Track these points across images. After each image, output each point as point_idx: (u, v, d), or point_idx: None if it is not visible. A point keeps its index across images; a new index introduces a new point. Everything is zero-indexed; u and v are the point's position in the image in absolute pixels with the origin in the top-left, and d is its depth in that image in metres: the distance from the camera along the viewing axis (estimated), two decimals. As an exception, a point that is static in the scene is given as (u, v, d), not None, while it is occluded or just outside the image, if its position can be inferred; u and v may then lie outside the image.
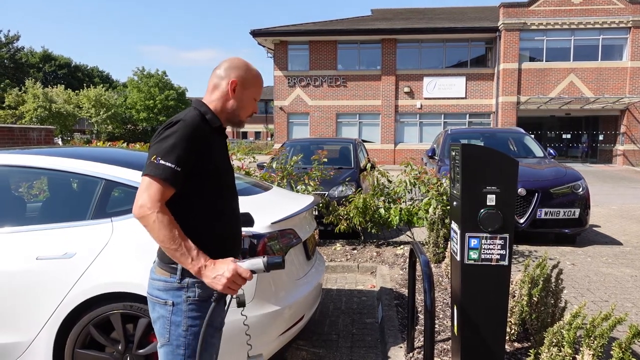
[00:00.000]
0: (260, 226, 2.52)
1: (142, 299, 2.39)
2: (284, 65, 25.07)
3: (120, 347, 2.46)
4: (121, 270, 2.42)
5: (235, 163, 5.62)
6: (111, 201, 2.67)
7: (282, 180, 5.49)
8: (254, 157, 5.95)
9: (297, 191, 5.42)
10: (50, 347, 2.45)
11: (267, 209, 2.91)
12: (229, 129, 1.89)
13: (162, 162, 1.51)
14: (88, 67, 60.65)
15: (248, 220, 2.43)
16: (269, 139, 46.46)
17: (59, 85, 38.44)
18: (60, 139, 33.84)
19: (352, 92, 24.16)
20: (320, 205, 5.56)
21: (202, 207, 1.64)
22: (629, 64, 22.19)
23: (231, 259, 1.56)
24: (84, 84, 41.61)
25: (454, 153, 2.47)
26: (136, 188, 2.62)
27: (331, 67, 24.71)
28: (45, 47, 63.96)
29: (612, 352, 1.84)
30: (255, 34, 24.22)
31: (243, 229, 2.42)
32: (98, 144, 5.96)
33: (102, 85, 41.87)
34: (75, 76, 55.49)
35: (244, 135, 56.63)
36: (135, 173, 2.72)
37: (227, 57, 1.79)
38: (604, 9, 22.12)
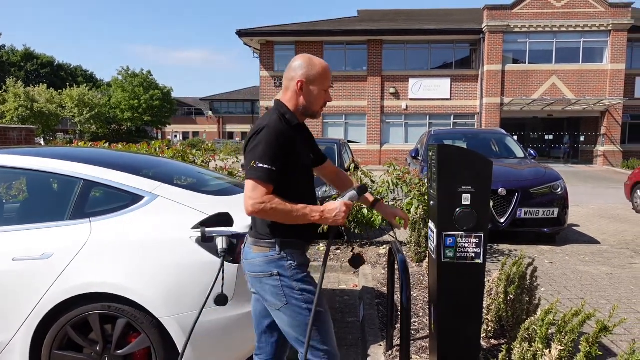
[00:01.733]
0: (241, 225, 2.53)
1: (120, 300, 2.39)
2: (270, 66, 25.04)
3: (98, 348, 2.45)
4: (99, 271, 2.41)
5: (217, 163, 5.61)
6: (90, 201, 2.66)
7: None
8: (237, 158, 5.94)
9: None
10: (26, 348, 2.43)
11: (247, 209, 2.92)
12: (214, 129, 2.00)
13: (260, 165, 1.79)
14: (71, 66, 59.78)
15: (227, 220, 2.45)
16: (256, 139, 46.20)
17: (41, 84, 37.80)
18: (42, 139, 33.29)
19: (338, 92, 24.23)
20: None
21: (290, 192, 1.87)
22: (609, 66, 22.64)
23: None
24: (67, 83, 40.99)
25: (431, 153, 2.51)
26: (116, 188, 2.66)
27: (317, 67, 24.72)
28: (27, 45, 62.77)
29: (580, 347, 1.89)
30: (242, 34, 24.15)
31: (222, 229, 2.45)
32: (79, 144, 5.90)
33: (85, 84, 41.32)
34: (58, 75, 54.64)
35: (230, 135, 56.39)
36: (115, 173, 2.72)
37: (296, 56, 1.99)
38: (585, 13, 22.54)
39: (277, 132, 1.84)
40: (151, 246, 2.46)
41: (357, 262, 2.12)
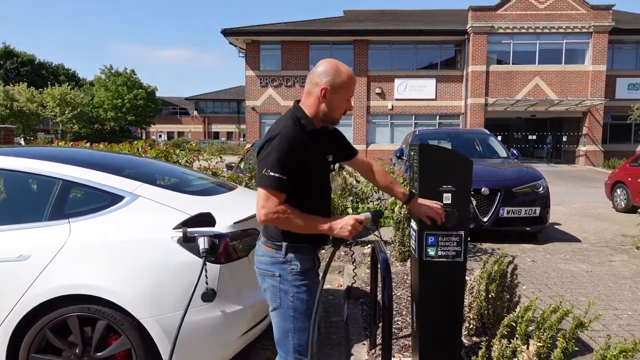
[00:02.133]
0: (223, 226, 2.52)
1: (100, 301, 2.36)
2: (256, 65, 24.95)
3: (77, 351, 2.42)
4: (78, 272, 2.38)
5: (201, 163, 5.57)
6: (69, 202, 2.62)
7: (250, 180, 5.47)
8: (221, 158, 5.91)
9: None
10: (3, 351, 2.39)
11: (230, 208, 2.91)
12: (200, 129, 1.99)
13: (271, 174, 1.80)
14: (53, 65, 58.75)
15: (209, 220, 2.44)
16: (242, 139, 46.10)
17: (21, 83, 37.09)
18: (22, 139, 32.66)
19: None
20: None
21: (304, 197, 1.90)
22: (590, 67, 23.05)
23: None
24: (48, 82, 40.30)
25: (412, 153, 2.53)
26: (96, 189, 2.63)
27: (304, 67, 24.73)
28: (6, 42, 61.53)
29: (557, 343, 1.92)
30: (227, 33, 24.01)
31: (204, 229, 2.43)
32: (60, 143, 5.80)
33: (67, 83, 40.65)
34: (39, 74, 53.62)
35: (216, 135, 56.05)
36: (95, 173, 2.68)
37: (322, 60, 1.95)
38: (567, 14, 22.91)
39: (290, 139, 1.83)
40: (132, 247, 2.43)
41: (349, 293, 2.17)
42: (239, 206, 3.01)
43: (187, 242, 2.40)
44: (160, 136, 55.88)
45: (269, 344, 3.30)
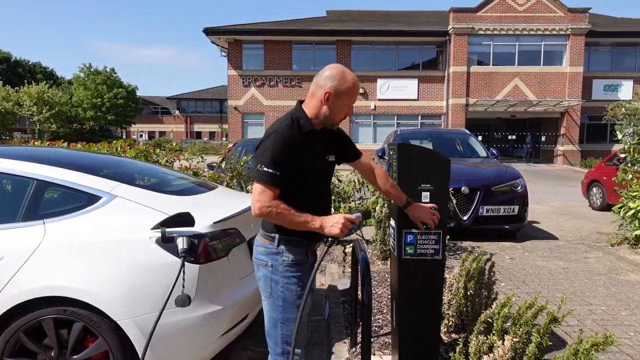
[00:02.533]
0: (202, 226, 2.50)
1: (76, 303, 2.32)
2: (238, 65, 24.83)
3: (53, 354, 2.38)
4: (53, 274, 2.34)
5: (182, 163, 5.52)
6: (44, 202, 2.57)
7: (231, 180, 5.44)
8: (202, 157, 5.86)
9: (248, 191, 5.40)
10: (-25, 356, 2.33)
11: (210, 208, 2.89)
12: (182, 129, 2.02)
13: (264, 169, 1.88)
14: (30, 63, 57.48)
15: (188, 220, 2.42)
16: (224, 139, 45.80)
17: (-4, 81, 36.20)
18: (-2, 139, 31.89)
19: (308, 92, 24.19)
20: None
21: (299, 197, 1.95)
22: (568, 69, 23.55)
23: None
24: (25, 81, 39.36)
25: (392, 152, 2.55)
26: (71, 189, 2.58)
27: (286, 67, 24.70)
28: (-19, 40, 59.95)
29: (532, 338, 1.96)
30: (209, 32, 23.85)
31: (182, 229, 2.41)
32: (36, 143, 5.68)
33: (45, 82, 39.79)
34: (16, 72, 52.38)
35: (198, 135, 55.58)
36: (71, 173, 2.64)
37: (330, 65, 2.05)
38: (545, 17, 23.36)
39: (285, 137, 1.91)
40: (109, 247, 2.40)
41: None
42: (219, 206, 2.99)
43: (166, 242, 2.38)
44: (141, 136, 55.15)
45: (249, 343, 3.30)
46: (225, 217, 2.68)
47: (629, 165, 6.49)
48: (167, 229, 2.36)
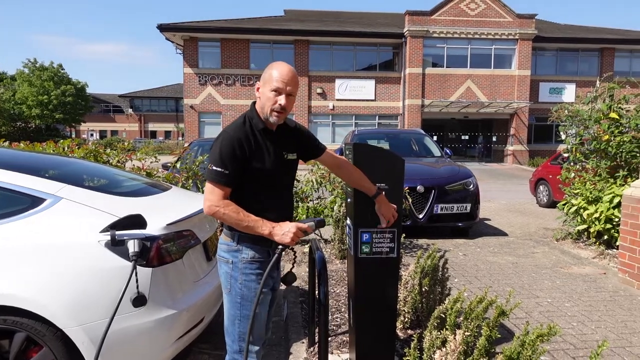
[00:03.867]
0: (155, 228, 2.43)
1: (17, 312, 2.19)
2: (194, 62, 24.32)
3: (-8, 366, 2.24)
4: (-8, 281, 2.20)
5: (135, 163, 5.34)
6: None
7: (187, 180, 5.32)
8: (156, 157, 5.70)
9: (203, 192, 5.30)
10: None
11: (163, 210, 2.81)
12: (135, 128, 1.97)
13: (214, 168, 1.91)
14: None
15: (139, 222, 2.34)
16: (180, 138, 44.74)
17: None
18: None
19: (266, 91, 24.01)
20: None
21: (250, 196, 1.98)
22: (516, 72, 24.61)
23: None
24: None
25: (347, 152, 2.57)
26: (12, 191, 2.45)
27: (244, 65, 24.44)
28: None
29: (482, 331, 2.03)
30: (163, 28, 23.22)
31: (134, 231, 2.33)
32: (-27, 142, 5.33)
33: (-16, 77, 37.43)
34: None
35: (153, 134, 54.03)
36: (12, 174, 2.49)
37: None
38: (495, 22, 24.31)
39: (234, 137, 1.93)
40: (54, 252, 2.28)
41: (289, 279, 2.20)
42: (173, 207, 2.92)
43: (116, 245, 2.29)
44: (92, 135, 52.96)
45: (205, 347, 3.24)
46: (179, 219, 2.62)
47: (572, 164, 6.86)
48: (117, 232, 2.28)
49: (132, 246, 2.26)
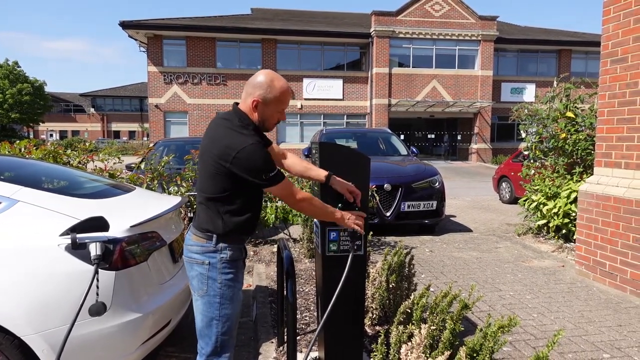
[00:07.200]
0: (118, 230, 2.37)
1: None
2: (159, 61, 23.81)
3: (-56, 378, 2.13)
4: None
5: (97, 164, 5.19)
6: None
7: (152, 181, 5.21)
8: (119, 158, 5.55)
9: (169, 192, 5.20)
10: None
11: (127, 211, 2.75)
12: (98, 128, 1.90)
13: (271, 174, 1.94)
14: None
15: (101, 224, 2.29)
16: (145, 138, 43.70)
17: None
18: None
19: (233, 91, 23.83)
20: (194, 206, 5.39)
21: (248, 199, 2.03)
22: (479, 72, 25.27)
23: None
24: None
25: (314, 151, 2.58)
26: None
27: (210, 64, 24.10)
28: None
29: (446, 325, 2.09)
30: (126, 25, 22.61)
31: (95, 234, 2.27)
32: None
33: None
34: None
35: (116, 134, 52.57)
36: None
37: (261, 71, 2.05)
38: (459, 23, 24.89)
39: (256, 143, 1.92)
40: (9, 256, 2.20)
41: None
42: (137, 208, 2.86)
43: (77, 249, 2.23)
44: (51, 135, 51.05)
45: (172, 350, 3.19)
46: (144, 220, 2.57)
47: (532, 161, 7.11)
48: (78, 235, 2.21)
49: (94, 249, 2.20)
